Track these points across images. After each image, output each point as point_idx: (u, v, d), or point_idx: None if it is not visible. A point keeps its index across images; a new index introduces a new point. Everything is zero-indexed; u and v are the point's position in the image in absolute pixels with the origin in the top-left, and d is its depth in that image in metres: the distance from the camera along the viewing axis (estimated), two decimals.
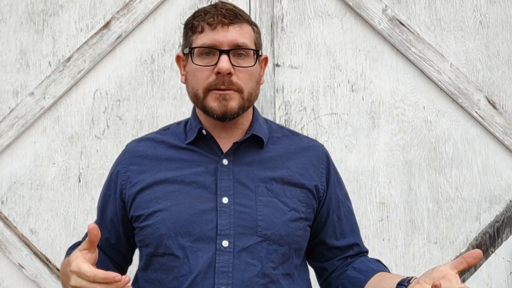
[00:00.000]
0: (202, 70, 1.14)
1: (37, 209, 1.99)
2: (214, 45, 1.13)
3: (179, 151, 1.22)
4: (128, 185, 1.22)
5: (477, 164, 2.07)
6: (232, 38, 1.13)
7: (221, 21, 1.13)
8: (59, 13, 2.07)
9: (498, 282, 2.02)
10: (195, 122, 1.22)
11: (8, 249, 1.94)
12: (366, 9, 2.07)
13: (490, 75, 2.11)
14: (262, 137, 1.21)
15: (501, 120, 2.06)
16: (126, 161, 1.25)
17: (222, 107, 1.13)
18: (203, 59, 1.15)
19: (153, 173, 1.20)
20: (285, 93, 2.06)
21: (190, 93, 1.20)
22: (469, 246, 2.03)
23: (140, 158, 1.23)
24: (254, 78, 1.18)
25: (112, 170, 1.29)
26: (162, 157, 1.22)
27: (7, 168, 2.00)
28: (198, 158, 1.19)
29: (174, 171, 1.19)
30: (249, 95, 1.17)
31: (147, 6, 2.04)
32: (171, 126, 1.31)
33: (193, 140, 1.20)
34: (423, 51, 2.06)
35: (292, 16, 2.09)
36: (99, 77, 2.04)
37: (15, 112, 2.00)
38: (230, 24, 1.13)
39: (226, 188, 1.16)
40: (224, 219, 1.14)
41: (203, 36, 1.14)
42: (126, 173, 1.23)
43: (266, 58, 1.28)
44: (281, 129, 1.32)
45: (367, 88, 2.08)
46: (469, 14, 2.13)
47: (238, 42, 1.13)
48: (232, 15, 1.14)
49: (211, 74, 1.13)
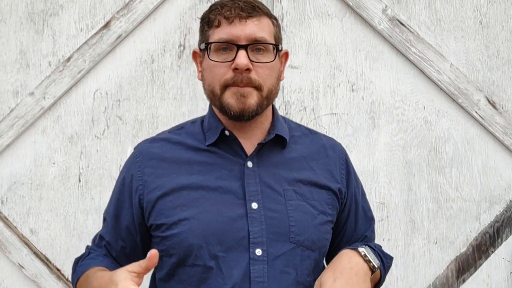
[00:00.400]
0: (219, 66, 1.08)
1: (37, 209, 1.99)
2: (231, 39, 1.07)
3: (199, 153, 1.15)
4: (145, 190, 1.13)
5: (477, 164, 2.07)
6: (250, 32, 1.07)
7: (238, 14, 1.06)
8: (59, 13, 2.07)
9: (498, 282, 2.02)
10: (215, 121, 1.16)
11: (8, 249, 1.94)
12: (366, 9, 2.07)
13: (490, 75, 2.11)
14: (285, 138, 1.17)
15: (501, 120, 2.06)
16: (140, 163, 1.16)
17: (240, 104, 1.07)
18: (220, 54, 1.09)
19: (173, 177, 1.12)
20: (285, 93, 2.06)
21: (207, 90, 1.13)
22: (469, 246, 2.03)
23: (156, 160, 1.15)
24: (274, 74, 1.12)
25: (125, 173, 1.20)
26: (181, 159, 1.14)
27: (7, 168, 2.00)
28: (221, 161, 1.13)
29: (197, 175, 1.12)
30: (268, 93, 1.11)
31: (147, 6, 2.04)
32: (185, 125, 1.24)
33: (214, 142, 1.14)
34: (423, 51, 2.06)
35: (292, 16, 2.09)
36: (99, 77, 2.04)
37: (15, 112, 2.00)
38: (248, 18, 1.07)
39: (254, 193, 1.11)
40: (256, 226, 1.08)
41: (219, 31, 1.08)
42: (142, 177, 1.15)
43: (287, 53, 1.22)
44: (299, 127, 1.27)
45: (367, 88, 2.08)
46: (469, 14, 2.13)
47: (257, 36, 1.07)
48: (250, 7, 1.08)
49: (229, 70, 1.07)
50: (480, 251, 2.03)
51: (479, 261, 2.02)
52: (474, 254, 2.03)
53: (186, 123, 1.25)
